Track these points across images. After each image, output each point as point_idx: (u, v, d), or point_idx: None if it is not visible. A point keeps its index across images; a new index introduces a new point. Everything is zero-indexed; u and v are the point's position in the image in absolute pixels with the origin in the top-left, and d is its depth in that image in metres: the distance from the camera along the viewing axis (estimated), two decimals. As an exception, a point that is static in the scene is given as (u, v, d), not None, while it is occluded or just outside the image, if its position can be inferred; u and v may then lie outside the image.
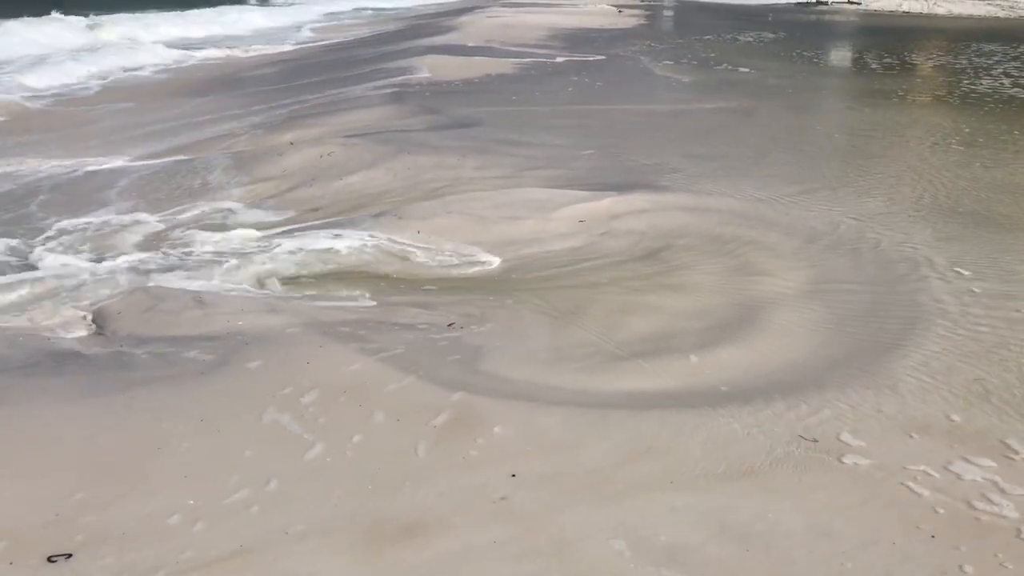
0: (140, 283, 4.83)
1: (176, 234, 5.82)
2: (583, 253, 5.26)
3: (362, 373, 3.64)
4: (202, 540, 2.60)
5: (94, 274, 5.01)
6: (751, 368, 3.72)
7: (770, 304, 4.38)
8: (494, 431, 3.19)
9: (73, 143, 9.37)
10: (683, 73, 13.72)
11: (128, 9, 26.78)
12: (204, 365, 3.76)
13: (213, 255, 5.32)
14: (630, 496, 2.81)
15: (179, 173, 7.46)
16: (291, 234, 5.68)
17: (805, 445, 3.07)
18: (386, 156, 7.42)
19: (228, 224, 6.02)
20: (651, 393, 3.52)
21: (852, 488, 2.85)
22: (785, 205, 6.01)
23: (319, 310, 4.40)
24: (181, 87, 14.14)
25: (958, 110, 10.14)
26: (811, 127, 9.36)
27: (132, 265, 5.16)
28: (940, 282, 4.58)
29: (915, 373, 3.60)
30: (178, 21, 26.27)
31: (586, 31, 22.80)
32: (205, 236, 5.70)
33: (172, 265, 5.16)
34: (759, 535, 2.62)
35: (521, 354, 3.90)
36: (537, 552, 2.55)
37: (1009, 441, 3.11)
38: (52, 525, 2.67)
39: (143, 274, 4.99)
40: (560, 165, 7.25)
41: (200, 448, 3.10)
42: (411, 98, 10.97)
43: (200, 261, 5.22)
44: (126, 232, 5.93)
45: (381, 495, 2.82)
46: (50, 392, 3.55)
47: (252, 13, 31.22)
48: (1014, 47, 17.93)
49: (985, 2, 34.18)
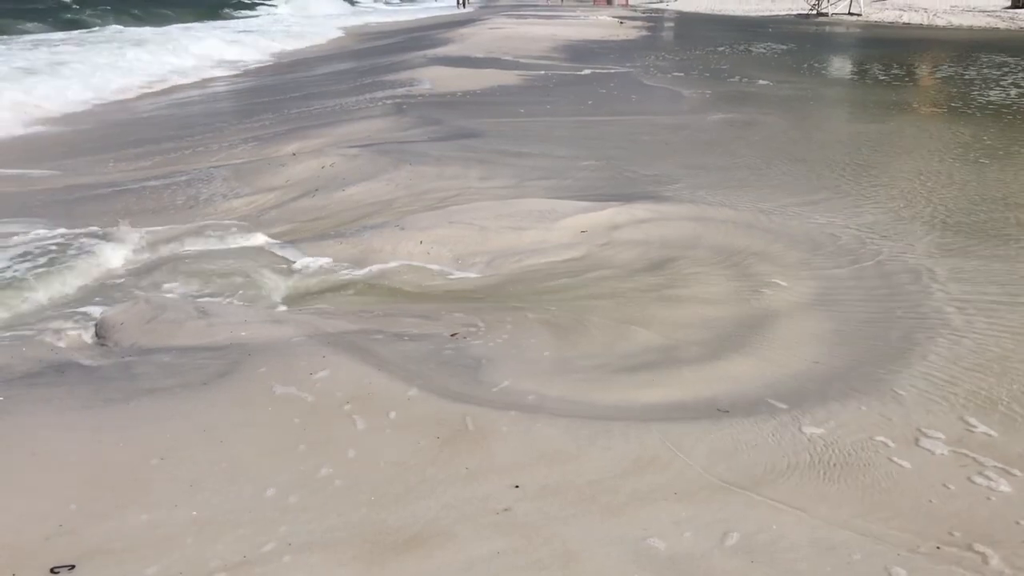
0: (143, 293, 4.84)
1: (174, 245, 5.82)
2: (585, 263, 5.27)
3: (365, 384, 3.64)
4: (205, 551, 2.59)
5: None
6: (754, 379, 3.72)
7: (773, 315, 4.38)
8: (496, 442, 3.19)
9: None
10: (693, 86, 13.74)
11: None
12: (207, 375, 3.76)
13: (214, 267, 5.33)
14: (633, 507, 2.81)
15: (176, 185, 7.47)
16: (293, 245, 5.68)
17: (813, 452, 3.07)
18: (387, 167, 7.44)
19: (228, 236, 6.03)
20: (654, 404, 3.52)
21: (857, 499, 2.84)
22: (791, 216, 6.01)
23: (322, 321, 4.40)
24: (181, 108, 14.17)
25: (963, 121, 10.16)
26: (818, 137, 9.38)
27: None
28: (942, 293, 4.58)
29: (918, 384, 3.59)
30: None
31: (588, 43, 22.87)
32: (205, 247, 5.71)
33: (173, 276, 5.17)
34: (763, 546, 2.61)
35: (523, 365, 3.90)
36: (540, 564, 2.54)
37: (1016, 454, 3.10)
38: (54, 536, 2.66)
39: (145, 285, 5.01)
40: (562, 176, 7.27)
41: (203, 459, 3.09)
42: (413, 109, 11.00)
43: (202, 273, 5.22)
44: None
45: (384, 506, 2.82)
46: (52, 402, 3.54)
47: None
48: (1017, 59, 17.96)
49: (985, 14, 34.26)
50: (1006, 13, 34.51)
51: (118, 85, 15.91)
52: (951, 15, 34.64)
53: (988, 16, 33.57)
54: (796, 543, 2.63)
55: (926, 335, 4.07)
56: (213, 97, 14.91)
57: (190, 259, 5.45)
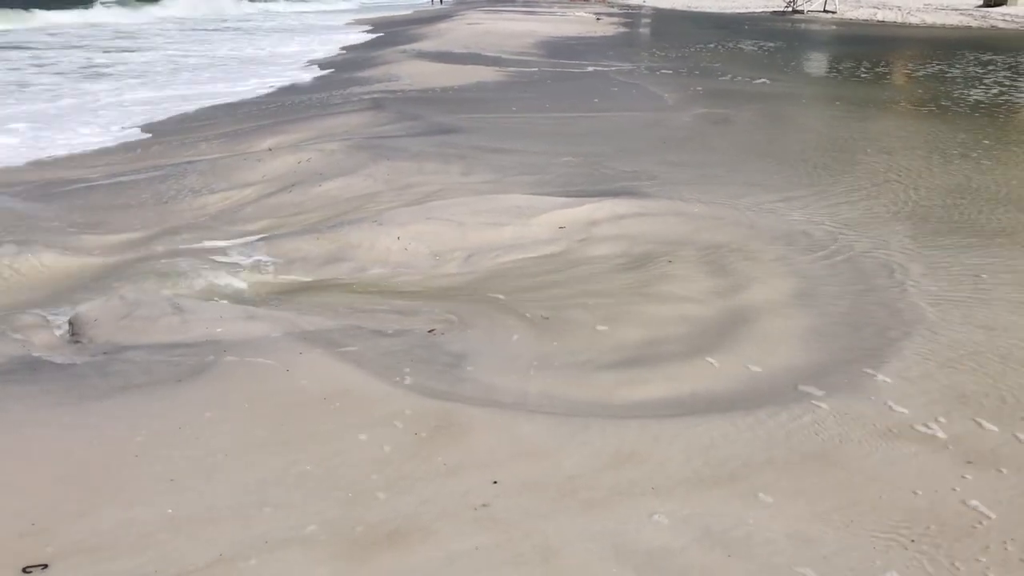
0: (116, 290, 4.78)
1: (152, 242, 5.76)
2: (563, 259, 5.27)
3: (342, 380, 3.62)
4: (180, 549, 2.57)
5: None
6: (731, 375, 3.74)
7: (751, 311, 4.40)
8: (475, 438, 3.18)
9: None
10: (670, 82, 13.78)
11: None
12: (182, 372, 3.73)
13: (189, 263, 5.27)
14: (612, 503, 2.81)
15: (153, 180, 7.40)
16: (268, 240, 5.64)
17: (793, 449, 3.09)
18: (366, 162, 7.41)
19: (204, 232, 5.98)
20: (633, 400, 3.53)
21: (833, 493, 2.86)
22: (766, 212, 6.05)
23: (298, 317, 4.38)
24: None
25: (941, 118, 10.27)
26: (795, 134, 9.44)
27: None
28: (915, 289, 4.63)
29: (894, 379, 3.63)
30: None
31: (566, 39, 22.89)
32: (180, 245, 5.66)
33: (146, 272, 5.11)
34: (741, 540, 2.63)
35: (502, 361, 3.90)
36: (520, 559, 2.54)
37: (988, 448, 3.13)
38: (27, 535, 2.63)
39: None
40: (543, 171, 7.27)
41: (178, 456, 3.06)
42: (390, 104, 10.97)
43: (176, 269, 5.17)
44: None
45: (362, 503, 2.81)
46: (25, 400, 3.49)
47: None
48: (993, 56, 18.17)
49: (958, 12, 34.63)
50: (978, 12, 34.92)
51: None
52: (924, 13, 35.00)
53: (960, 15, 33.94)
54: (773, 537, 2.64)
55: (902, 331, 4.11)
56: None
57: (160, 257, 5.40)
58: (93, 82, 15.08)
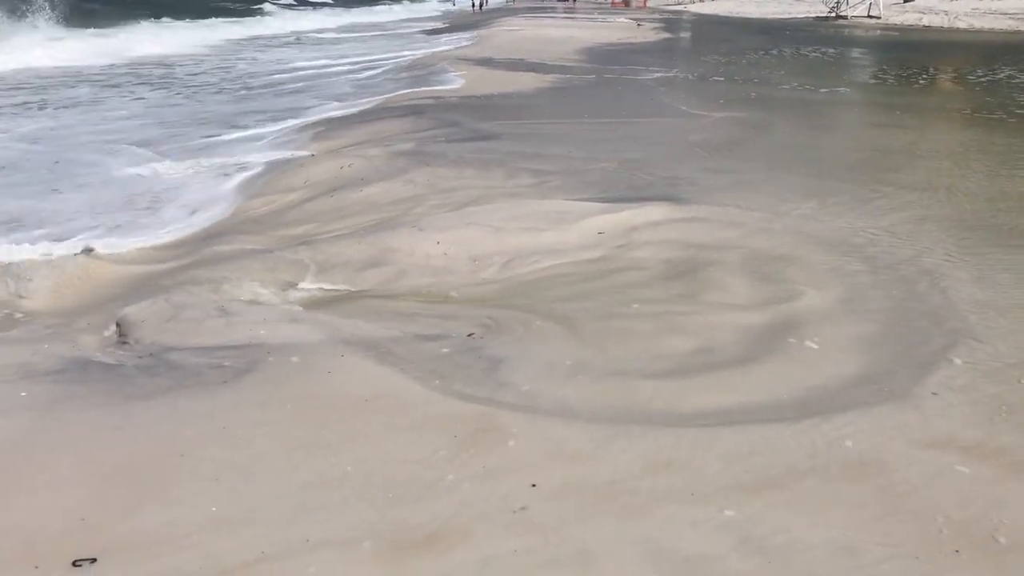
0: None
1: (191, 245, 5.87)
2: (603, 265, 5.26)
3: (383, 383, 3.66)
4: (223, 547, 2.62)
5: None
6: (774, 384, 3.70)
7: (795, 320, 4.35)
8: (514, 442, 3.19)
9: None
10: (710, 88, 13.70)
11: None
12: (227, 374, 3.79)
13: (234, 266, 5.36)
14: (651, 508, 2.81)
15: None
16: (310, 245, 5.71)
17: (833, 458, 3.06)
18: (406, 167, 7.47)
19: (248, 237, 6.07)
20: (672, 406, 3.52)
21: (874, 502, 2.83)
22: (809, 218, 5.99)
23: (339, 321, 4.43)
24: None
25: (986, 125, 10.09)
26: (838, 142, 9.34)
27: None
28: (960, 298, 4.55)
29: (939, 389, 3.57)
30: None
31: (606, 45, 22.86)
32: (222, 250, 5.76)
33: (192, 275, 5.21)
34: (780, 548, 2.61)
35: (540, 366, 3.91)
36: (558, 562, 2.55)
37: (1033, 457, 3.08)
38: (77, 530, 2.70)
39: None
40: (581, 177, 7.26)
41: (222, 456, 3.12)
42: (431, 110, 11.05)
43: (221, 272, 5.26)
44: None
45: (402, 504, 2.83)
46: (74, 400, 3.58)
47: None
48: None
49: (1007, 16, 33.98)
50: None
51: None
52: (972, 17, 34.40)
53: (1009, 19, 33.29)
54: (813, 545, 2.62)
55: (947, 340, 4.05)
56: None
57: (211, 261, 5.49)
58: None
